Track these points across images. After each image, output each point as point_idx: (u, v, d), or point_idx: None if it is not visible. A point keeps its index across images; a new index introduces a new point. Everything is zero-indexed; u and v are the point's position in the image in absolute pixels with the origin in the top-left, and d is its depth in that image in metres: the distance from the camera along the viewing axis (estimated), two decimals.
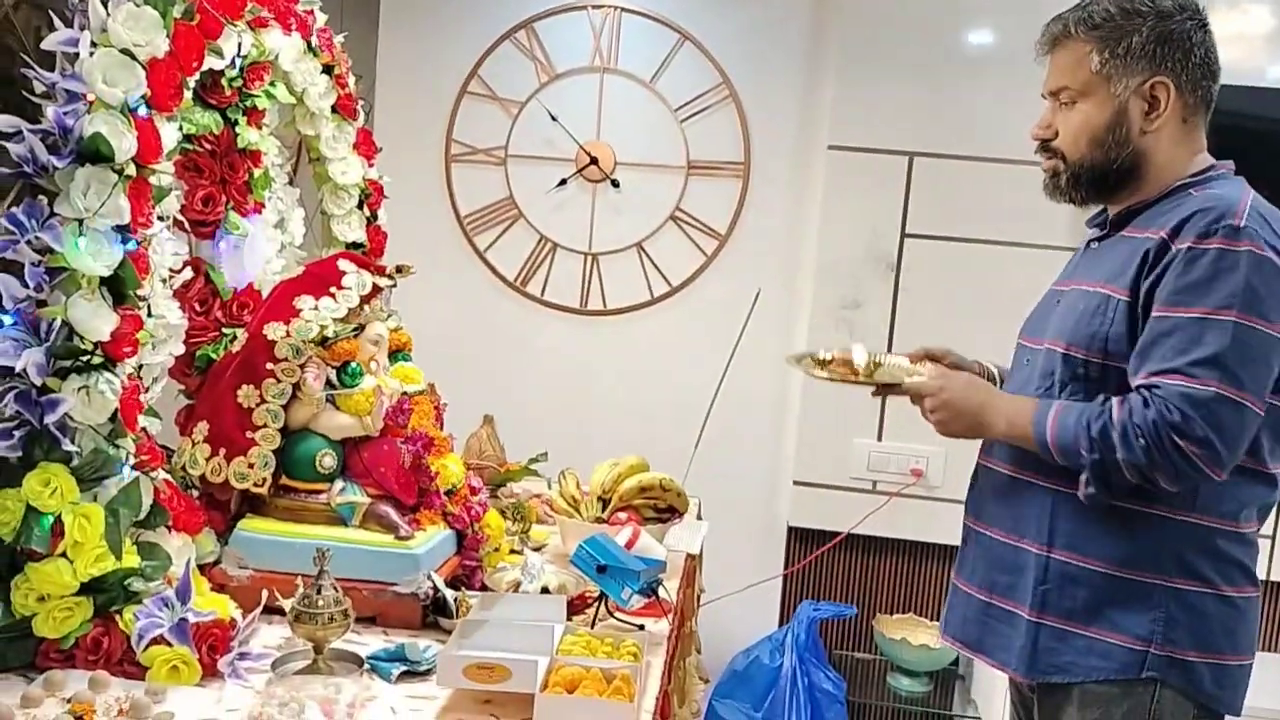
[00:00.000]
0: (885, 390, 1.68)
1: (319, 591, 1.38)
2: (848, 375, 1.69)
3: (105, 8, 1.35)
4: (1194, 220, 1.42)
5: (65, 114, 1.30)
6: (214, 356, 1.75)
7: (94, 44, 1.34)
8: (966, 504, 1.69)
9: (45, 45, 1.33)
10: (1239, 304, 1.38)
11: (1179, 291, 1.41)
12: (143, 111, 1.36)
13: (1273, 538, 2.85)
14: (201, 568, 1.54)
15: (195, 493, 1.64)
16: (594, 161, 3.14)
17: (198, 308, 1.75)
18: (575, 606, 1.69)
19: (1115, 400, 1.44)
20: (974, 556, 1.64)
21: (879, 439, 3.03)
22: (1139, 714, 1.47)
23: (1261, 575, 1.98)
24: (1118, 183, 1.55)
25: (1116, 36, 1.51)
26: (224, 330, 1.78)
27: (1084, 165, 1.56)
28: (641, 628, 1.66)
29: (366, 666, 1.44)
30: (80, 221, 1.30)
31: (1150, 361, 1.42)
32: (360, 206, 2.21)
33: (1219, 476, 1.40)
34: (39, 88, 1.35)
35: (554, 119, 3.14)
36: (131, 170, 1.34)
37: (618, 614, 1.67)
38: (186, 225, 1.71)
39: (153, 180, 1.39)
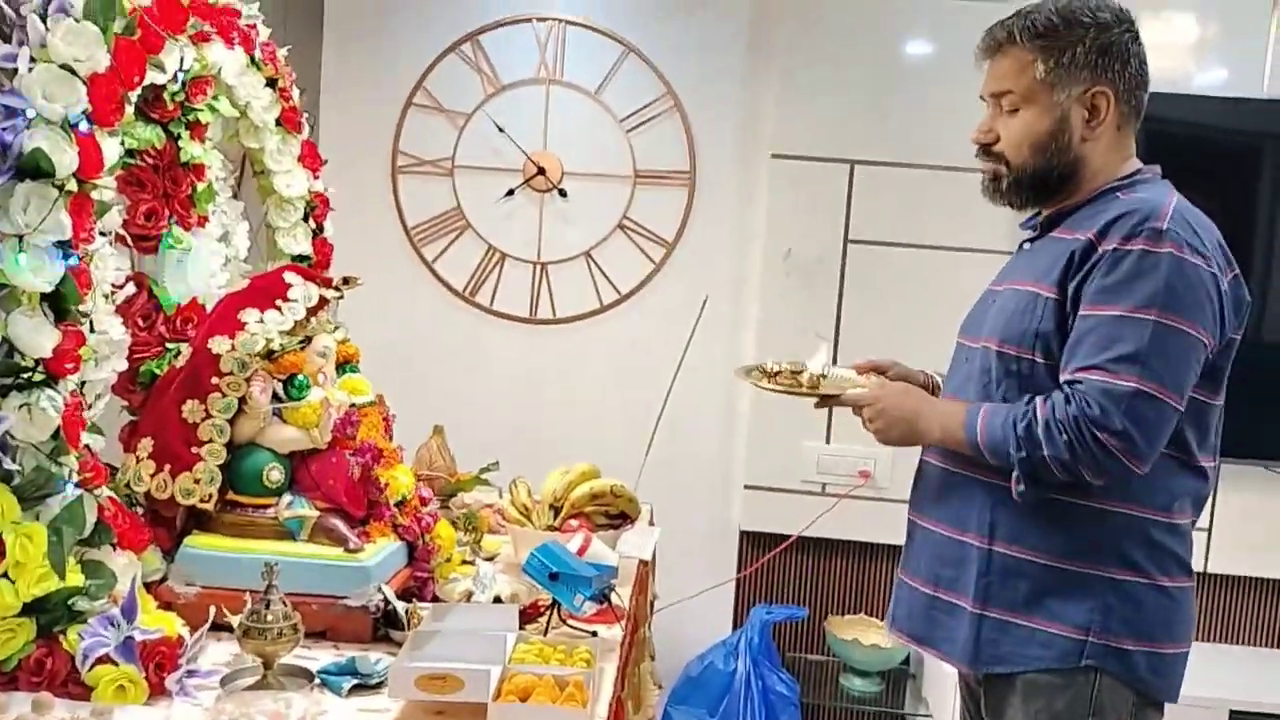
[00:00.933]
0: (827, 402, 1.72)
1: (268, 606, 1.38)
2: (793, 387, 1.73)
3: (44, 23, 1.34)
4: (1119, 222, 1.47)
5: (4, 130, 1.28)
6: (158, 372, 1.73)
7: (33, 59, 1.32)
8: (910, 500, 1.73)
9: None
10: (1159, 303, 1.43)
11: (1102, 291, 1.46)
12: (84, 127, 1.35)
13: (1209, 530, 2.94)
14: (148, 585, 1.53)
15: (140, 510, 1.63)
16: (541, 171, 3.16)
17: (141, 323, 1.74)
18: (528, 615, 1.69)
19: (1039, 399, 1.49)
20: (918, 551, 1.68)
21: (828, 442, 3.07)
22: (1080, 702, 1.51)
23: (1198, 568, 2.04)
24: (1057, 187, 1.60)
25: (1060, 46, 1.56)
26: (168, 345, 1.77)
27: (1026, 171, 1.60)
28: (595, 634, 1.67)
29: (317, 681, 1.43)
30: (20, 238, 1.28)
31: (1075, 359, 1.47)
32: (305, 219, 2.21)
33: (1139, 469, 1.45)
34: None
35: (500, 130, 3.15)
36: (73, 186, 1.33)
37: (570, 621, 1.68)
38: (129, 240, 1.69)
39: (94, 195, 1.38)
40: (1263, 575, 3.05)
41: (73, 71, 1.35)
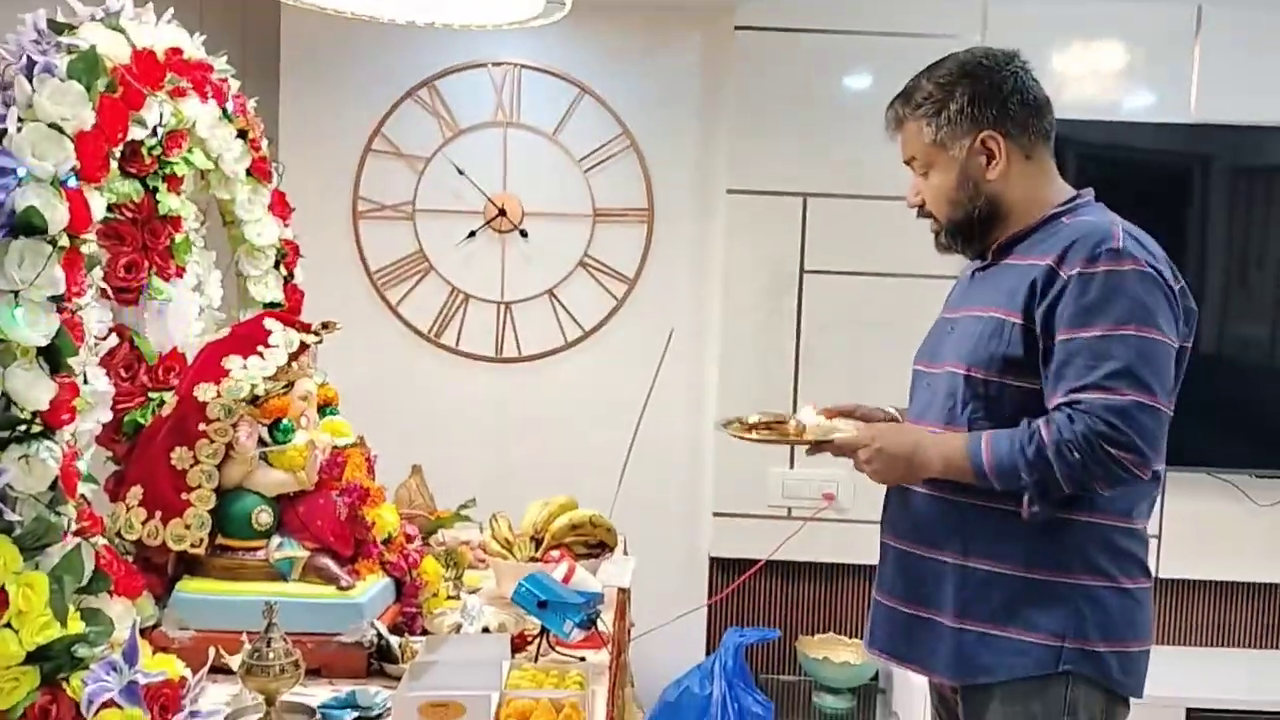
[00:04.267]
0: (820, 448, 1.74)
1: (269, 644, 1.40)
2: (778, 437, 1.77)
3: (30, 84, 1.38)
4: (1076, 247, 1.57)
5: None
6: (142, 421, 1.76)
7: (20, 119, 1.36)
8: (883, 523, 1.79)
9: None
10: (1136, 318, 1.52)
11: (1079, 314, 1.54)
12: (72, 183, 1.39)
13: (1159, 536, 3.05)
14: (142, 632, 1.54)
15: (131, 557, 1.65)
16: (502, 212, 3.22)
17: (124, 373, 1.76)
18: (516, 644, 1.73)
19: (1040, 422, 1.54)
20: (893, 571, 1.74)
21: (791, 467, 3.15)
22: (1055, 705, 1.58)
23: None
24: (984, 229, 1.71)
25: (936, 109, 1.68)
26: (150, 395, 1.79)
27: (951, 222, 1.72)
28: (583, 659, 1.72)
29: (318, 716, 1.46)
30: (16, 293, 1.31)
31: (1065, 381, 1.54)
32: (277, 266, 2.24)
33: (1145, 477, 1.52)
34: None
35: (460, 173, 3.21)
36: (65, 241, 1.36)
37: (559, 648, 1.73)
38: (109, 292, 1.72)
39: (84, 250, 1.41)
40: (1211, 578, 3.17)
41: (61, 130, 1.39)
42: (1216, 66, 3.03)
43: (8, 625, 1.30)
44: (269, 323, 1.81)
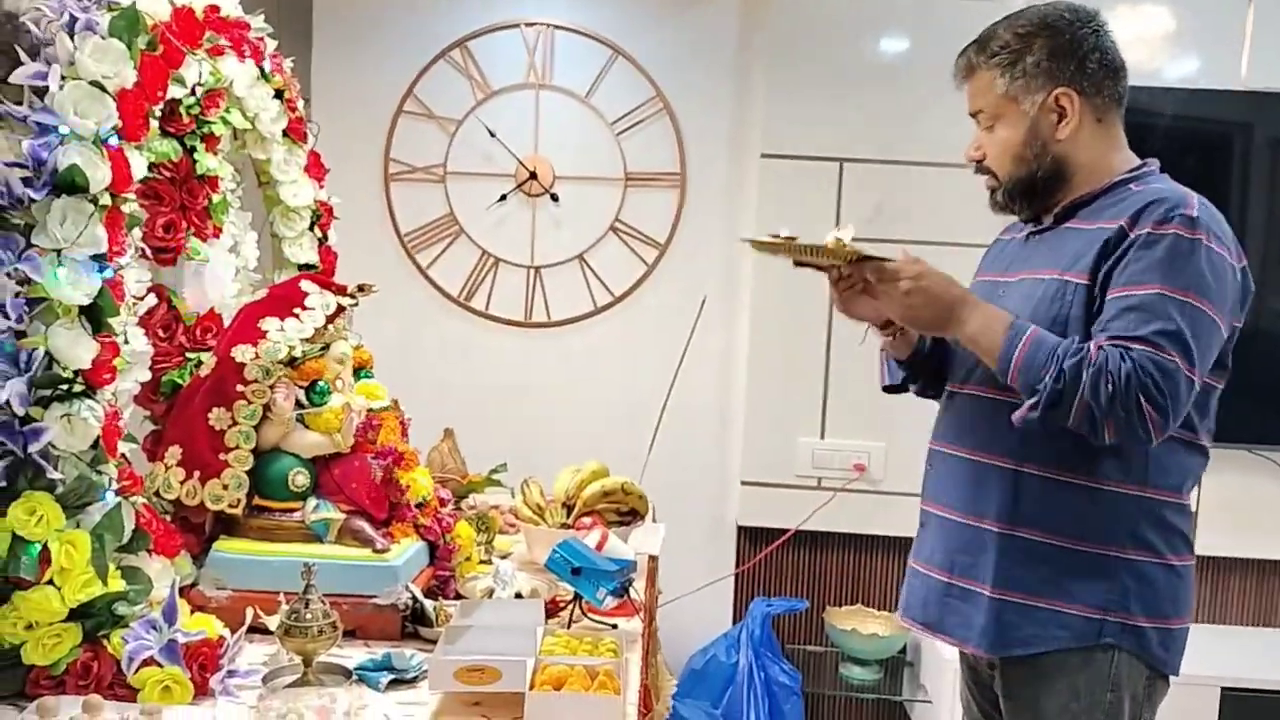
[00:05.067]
0: (859, 267, 1.63)
1: (307, 605, 1.41)
2: (820, 256, 1.65)
3: (72, 41, 1.37)
4: (1150, 209, 1.53)
5: (39, 146, 1.31)
6: (180, 381, 1.76)
7: (63, 77, 1.35)
8: (923, 489, 1.77)
9: (14, 79, 1.34)
10: (1195, 288, 1.49)
11: (1142, 270, 1.50)
12: (114, 142, 1.38)
13: (1196, 513, 3.01)
14: (179, 591, 1.55)
15: (169, 516, 1.66)
16: (533, 176, 3.20)
17: (161, 334, 1.76)
18: (548, 610, 1.73)
19: (1092, 343, 1.49)
20: (932, 539, 1.72)
21: (822, 437, 3.13)
22: (1098, 679, 1.57)
23: None
24: (1046, 190, 1.65)
25: (1013, 60, 1.62)
26: (188, 355, 1.79)
27: (1013, 180, 1.66)
28: (615, 626, 1.72)
29: (354, 677, 1.47)
30: (59, 252, 1.31)
31: (1116, 326, 1.49)
32: (311, 228, 2.24)
33: (1155, 442, 1.49)
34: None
35: (492, 135, 3.18)
36: (106, 200, 1.36)
37: (591, 615, 1.73)
38: (148, 252, 1.72)
39: (125, 209, 1.41)
40: (1248, 556, 3.14)
41: (102, 88, 1.38)
42: (1272, 32, 2.95)
43: (50, 582, 1.32)
44: (306, 285, 1.80)
